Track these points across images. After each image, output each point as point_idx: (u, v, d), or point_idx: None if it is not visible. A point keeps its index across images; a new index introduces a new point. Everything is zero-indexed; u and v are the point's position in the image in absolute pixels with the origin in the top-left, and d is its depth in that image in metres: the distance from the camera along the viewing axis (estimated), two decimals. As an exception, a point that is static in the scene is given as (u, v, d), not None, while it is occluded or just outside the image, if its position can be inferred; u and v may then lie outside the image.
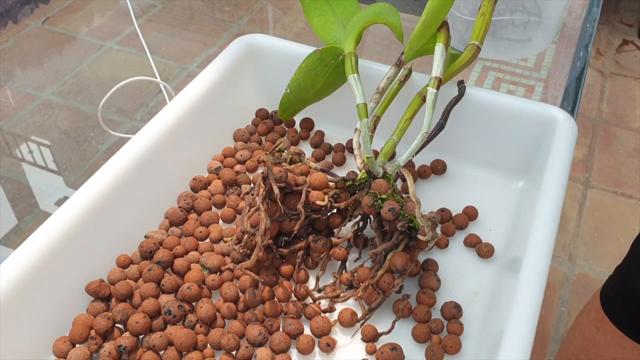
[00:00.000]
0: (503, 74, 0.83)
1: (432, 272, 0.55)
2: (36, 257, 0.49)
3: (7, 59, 0.97)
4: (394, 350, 0.49)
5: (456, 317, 0.53)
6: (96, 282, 0.53)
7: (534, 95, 0.79)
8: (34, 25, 1.04)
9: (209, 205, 0.61)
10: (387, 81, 0.58)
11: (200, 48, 1.03)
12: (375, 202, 0.51)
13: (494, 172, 0.65)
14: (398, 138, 0.55)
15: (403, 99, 0.59)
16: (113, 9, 1.10)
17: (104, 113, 0.80)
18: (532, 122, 0.62)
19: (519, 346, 0.44)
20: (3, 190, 0.77)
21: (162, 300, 0.52)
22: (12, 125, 0.86)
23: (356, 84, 0.52)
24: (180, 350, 0.49)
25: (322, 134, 0.69)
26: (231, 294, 0.53)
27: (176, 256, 0.56)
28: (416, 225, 0.50)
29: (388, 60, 0.86)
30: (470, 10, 0.78)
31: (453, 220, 0.61)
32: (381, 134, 0.57)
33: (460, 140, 0.65)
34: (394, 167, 0.53)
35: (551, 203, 0.53)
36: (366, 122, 0.51)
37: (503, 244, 0.58)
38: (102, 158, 0.81)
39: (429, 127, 0.51)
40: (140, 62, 0.97)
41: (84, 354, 0.49)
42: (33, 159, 0.82)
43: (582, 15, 0.90)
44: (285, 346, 0.50)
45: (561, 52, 0.85)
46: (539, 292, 0.47)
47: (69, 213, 0.52)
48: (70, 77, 0.94)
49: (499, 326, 0.47)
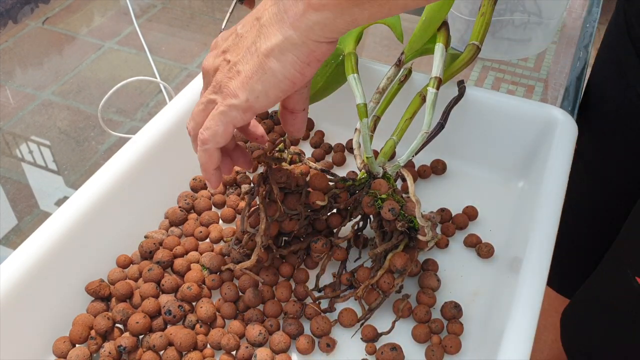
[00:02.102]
0: (503, 74, 0.83)
1: (432, 272, 0.55)
2: (36, 257, 0.49)
3: (7, 59, 0.97)
4: (394, 350, 0.49)
5: (456, 317, 0.52)
6: (96, 282, 0.53)
7: (534, 95, 0.79)
8: (34, 25, 1.04)
9: (209, 205, 0.61)
10: (387, 81, 0.58)
11: (200, 48, 1.03)
12: (375, 202, 0.51)
13: (494, 172, 0.65)
14: (398, 138, 0.55)
15: (403, 99, 0.59)
16: (113, 9, 1.10)
17: (104, 113, 0.80)
18: (532, 122, 0.62)
19: (519, 346, 0.44)
20: (3, 190, 0.77)
21: (162, 300, 0.52)
22: (12, 125, 0.86)
23: (356, 84, 0.52)
24: (180, 350, 0.49)
25: (322, 134, 0.69)
26: (231, 294, 0.53)
27: (176, 256, 0.56)
28: (416, 226, 0.50)
29: (388, 60, 0.86)
30: (470, 10, 0.78)
31: (453, 220, 0.61)
32: (381, 134, 0.57)
33: (460, 140, 0.65)
34: (393, 167, 0.53)
35: (551, 203, 0.53)
36: (366, 122, 0.51)
37: (503, 244, 0.58)
38: (102, 158, 0.81)
39: (429, 127, 0.51)
40: (140, 62, 0.97)
41: (84, 354, 0.49)
42: (33, 159, 0.82)
43: (582, 15, 0.90)
44: (285, 346, 0.50)
45: (561, 52, 0.85)
46: (539, 292, 0.47)
47: (69, 213, 0.52)
48: (70, 77, 0.94)
49: (499, 326, 0.47)
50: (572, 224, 0.66)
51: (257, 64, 0.40)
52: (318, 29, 0.38)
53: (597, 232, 0.80)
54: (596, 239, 0.81)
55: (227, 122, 0.42)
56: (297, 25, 0.38)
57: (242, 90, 0.41)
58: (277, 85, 0.41)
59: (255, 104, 0.41)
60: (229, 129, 0.43)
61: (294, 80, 0.40)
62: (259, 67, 0.40)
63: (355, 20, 0.38)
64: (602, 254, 0.80)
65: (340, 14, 0.37)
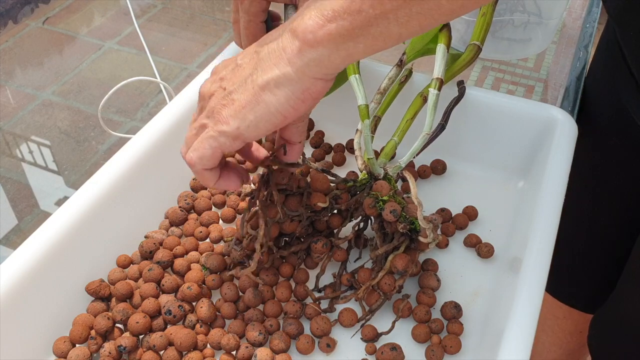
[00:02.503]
0: (503, 74, 0.83)
1: (432, 272, 0.55)
2: (36, 257, 0.49)
3: (7, 59, 0.97)
4: (394, 350, 0.49)
5: (456, 317, 0.52)
6: (96, 282, 0.53)
7: (534, 95, 0.79)
8: (34, 25, 1.04)
9: (209, 205, 0.61)
10: (388, 81, 0.58)
11: (200, 48, 1.03)
12: (376, 203, 0.51)
13: (494, 172, 0.65)
14: (399, 139, 0.55)
15: (403, 99, 0.59)
16: (113, 9, 1.10)
17: (104, 113, 0.80)
18: (532, 122, 0.62)
19: (519, 346, 0.44)
20: (3, 190, 0.77)
21: (162, 300, 0.52)
22: (12, 125, 0.86)
23: (358, 84, 0.52)
24: (180, 350, 0.49)
25: (322, 134, 0.69)
26: (231, 294, 0.53)
27: (176, 256, 0.56)
28: (417, 227, 0.50)
29: (387, 60, 0.86)
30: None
31: (453, 220, 0.61)
32: (380, 134, 0.57)
33: (460, 140, 0.65)
34: (394, 168, 0.53)
35: (551, 203, 0.53)
36: (368, 123, 0.51)
37: (503, 244, 0.58)
38: (102, 158, 0.81)
39: (430, 129, 0.51)
40: (140, 62, 0.97)
41: (84, 354, 0.49)
42: (33, 159, 0.82)
43: (582, 15, 0.90)
44: (285, 346, 0.50)
45: (561, 52, 0.85)
46: (539, 292, 0.47)
47: (69, 213, 0.52)
48: (70, 77, 0.94)
49: (499, 326, 0.47)
50: (570, 227, 0.66)
51: (251, 95, 0.41)
52: (314, 65, 0.39)
53: (596, 235, 0.80)
54: (595, 242, 0.81)
55: (215, 146, 0.43)
56: (294, 62, 0.39)
57: (233, 119, 0.42)
58: (269, 118, 0.41)
59: (245, 132, 0.42)
60: (217, 153, 0.44)
61: (286, 114, 0.41)
62: (253, 97, 0.41)
63: (350, 55, 0.38)
64: (601, 257, 0.79)
65: (335, 49, 0.38)
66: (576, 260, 0.83)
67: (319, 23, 0.37)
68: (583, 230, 0.80)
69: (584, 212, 0.78)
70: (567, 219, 0.55)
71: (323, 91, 0.41)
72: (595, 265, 0.81)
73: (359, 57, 0.39)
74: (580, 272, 0.84)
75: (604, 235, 0.78)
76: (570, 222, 0.62)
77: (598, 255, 0.80)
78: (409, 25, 0.37)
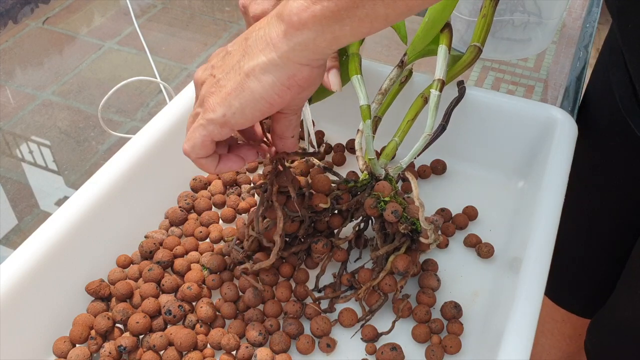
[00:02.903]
0: (503, 74, 0.83)
1: (432, 272, 0.55)
2: (36, 257, 0.49)
3: (7, 59, 0.97)
4: (394, 350, 0.49)
5: (456, 317, 0.52)
6: (96, 282, 0.53)
7: (534, 95, 0.79)
8: (34, 25, 1.04)
9: (209, 205, 0.61)
10: (389, 82, 0.58)
11: (200, 48, 1.03)
12: (378, 204, 0.51)
13: (494, 172, 0.65)
14: (400, 139, 0.55)
15: (403, 99, 0.59)
16: (113, 9, 1.10)
17: (104, 113, 0.80)
18: (532, 122, 0.62)
19: (519, 346, 0.44)
20: (3, 190, 0.77)
21: (162, 300, 0.52)
22: (12, 125, 0.86)
23: (360, 85, 0.52)
24: (180, 350, 0.49)
25: (322, 134, 0.69)
26: (231, 294, 0.53)
27: (176, 256, 0.56)
28: (418, 228, 0.50)
29: (388, 60, 0.86)
30: (470, 10, 0.78)
31: (453, 220, 0.61)
32: (380, 134, 0.57)
33: (461, 140, 0.65)
34: (396, 168, 0.53)
35: (551, 203, 0.53)
36: (369, 124, 0.51)
37: (503, 244, 0.58)
38: (102, 158, 0.81)
39: (431, 130, 0.51)
40: (140, 62, 0.97)
41: (84, 354, 0.49)
42: (33, 159, 0.82)
43: (582, 15, 0.90)
44: (285, 346, 0.50)
45: (561, 52, 0.85)
46: (539, 292, 0.47)
47: (69, 213, 0.52)
48: (70, 77, 0.94)
49: (499, 326, 0.47)
50: (569, 227, 0.66)
51: (237, 82, 0.41)
52: (300, 49, 0.39)
53: (595, 235, 0.80)
54: (595, 243, 0.80)
55: (204, 134, 0.43)
56: (279, 47, 0.39)
57: (220, 106, 0.42)
58: (254, 105, 0.41)
59: (232, 119, 0.42)
60: (207, 141, 0.44)
61: (271, 101, 0.41)
62: (238, 84, 0.41)
63: (336, 39, 0.38)
64: (600, 258, 0.79)
65: (320, 32, 0.38)
66: (575, 263, 0.83)
67: (304, 5, 0.37)
68: (583, 231, 0.80)
69: (584, 213, 0.78)
70: (567, 219, 0.55)
71: (310, 79, 0.41)
72: (595, 267, 0.81)
73: (346, 40, 0.38)
74: (579, 275, 0.84)
75: (604, 235, 0.78)
76: (570, 223, 0.62)
77: (597, 256, 0.80)
78: (396, 5, 0.36)
